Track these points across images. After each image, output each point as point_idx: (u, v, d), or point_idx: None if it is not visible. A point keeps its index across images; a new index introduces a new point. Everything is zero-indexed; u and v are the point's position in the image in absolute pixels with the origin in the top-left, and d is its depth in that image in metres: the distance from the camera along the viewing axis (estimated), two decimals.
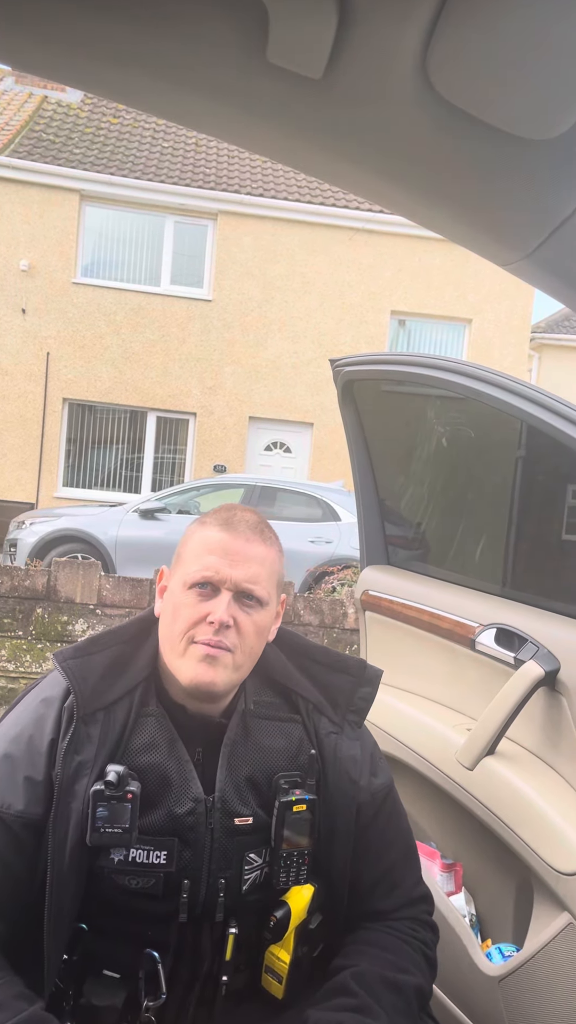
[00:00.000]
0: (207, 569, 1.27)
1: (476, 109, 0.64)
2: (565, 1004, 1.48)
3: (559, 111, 0.64)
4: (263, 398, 13.84)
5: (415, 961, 1.31)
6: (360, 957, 1.29)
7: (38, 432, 13.32)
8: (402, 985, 1.26)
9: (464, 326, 14.51)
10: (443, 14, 0.56)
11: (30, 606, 6.94)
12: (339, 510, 9.49)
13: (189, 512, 9.72)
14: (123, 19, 0.59)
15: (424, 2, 0.55)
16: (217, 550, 1.28)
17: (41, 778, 1.23)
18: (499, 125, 0.65)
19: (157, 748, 1.28)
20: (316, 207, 13.79)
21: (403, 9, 0.56)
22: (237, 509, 1.35)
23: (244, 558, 1.28)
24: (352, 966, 1.27)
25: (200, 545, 1.30)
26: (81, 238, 13.54)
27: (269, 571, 1.31)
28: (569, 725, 1.63)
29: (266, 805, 1.31)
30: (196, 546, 1.30)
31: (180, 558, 1.33)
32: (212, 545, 1.28)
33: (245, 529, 1.30)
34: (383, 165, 0.72)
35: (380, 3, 0.56)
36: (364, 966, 1.27)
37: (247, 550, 1.28)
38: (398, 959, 1.30)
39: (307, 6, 0.56)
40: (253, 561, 1.28)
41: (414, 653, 2.14)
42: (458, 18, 0.56)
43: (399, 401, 2.29)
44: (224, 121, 0.72)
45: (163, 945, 1.28)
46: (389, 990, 1.24)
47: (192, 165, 14.14)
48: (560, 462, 1.82)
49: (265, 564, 1.30)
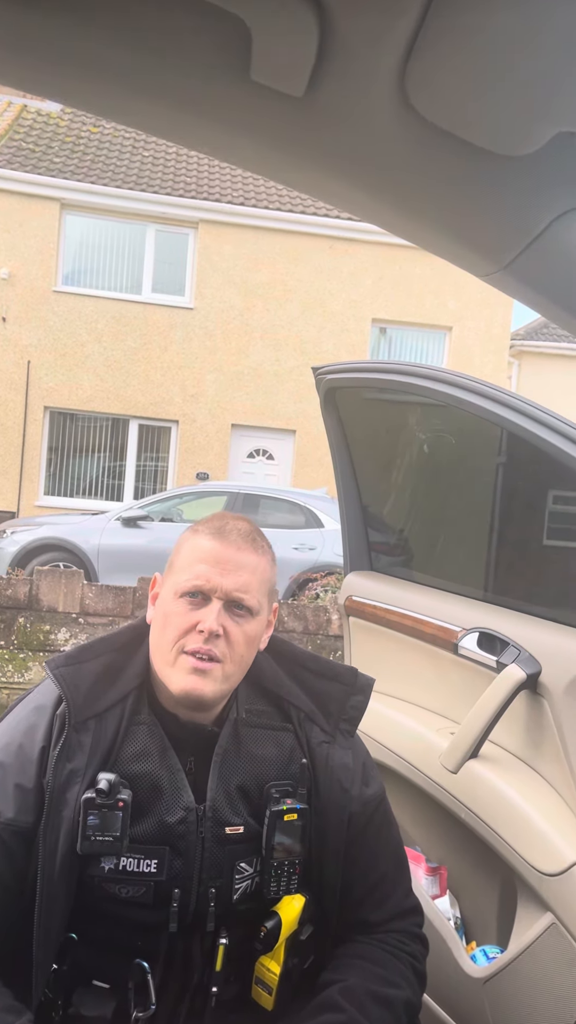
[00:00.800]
0: (197, 578, 1.26)
1: (454, 126, 0.66)
2: (549, 1004, 1.49)
3: (534, 128, 0.66)
4: (245, 405, 13.85)
5: (404, 975, 1.31)
6: (349, 971, 1.29)
7: (19, 441, 13.25)
8: (391, 1000, 1.25)
9: (444, 334, 14.62)
10: (421, 34, 0.58)
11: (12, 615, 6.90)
12: (322, 517, 9.51)
13: (172, 520, 9.71)
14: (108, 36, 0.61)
15: (402, 22, 0.57)
16: (208, 559, 1.27)
17: (32, 786, 1.23)
18: (476, 142, 0.67)
19: (149, 756, 1.28)
20: (297, 216, 13.85)
21: (382, 30, 0.58)
22: (229, 517, 1.34)
23: (235, 567, 1.27)
24: (341, 980, 1.27)
25: (191, 554, 1.29)
26: (62, 246, 13.52)
27: (260, 580, 1.30)
28: (551, 727, 1.65)
29: (257, 814, 1.31)
30: (187, 554, 1.30)
31: (172, 566, 1.32)
32: (203, 554, 1.28)
33: (237, 537, 1.29)
34: (364, 180, 0.73)
35: (359, 24, 0.58)
36: (353, 981, 1.26)
37: (238, 559, 1.27)
38: (387, 973, 1.29)
39: (288, 26, 0.57)
40: (244, 570, 1.27)
41: (397, 658, 2.16)
42: (435, 38, 0.58)
43: (381, 409, 2.32)
44: (208, 136, 0.73)
45: (153, 955, 1.28)
46: (378, 1005, 1.24)
47: (173, 174, 14.17)
48: (540, 468, 1.84)
49: (256, 573, 1.29)
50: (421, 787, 1.89)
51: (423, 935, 1.41)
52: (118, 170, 13.83)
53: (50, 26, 0.61)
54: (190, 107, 0.68)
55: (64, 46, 0.63)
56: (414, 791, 1.94)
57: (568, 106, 0.64)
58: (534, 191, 0.72)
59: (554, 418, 1.62)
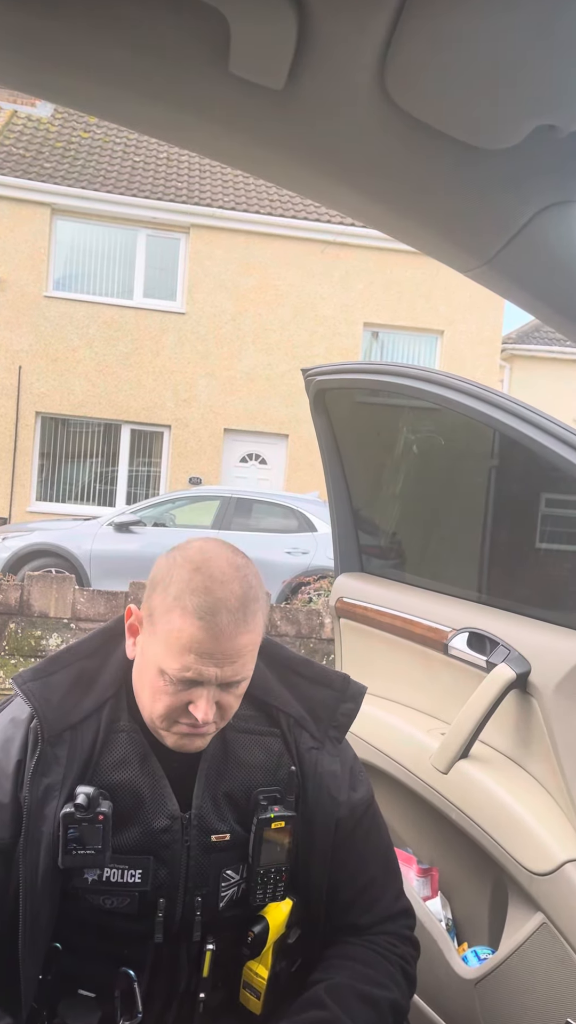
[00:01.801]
0: (187, 670, 1.16)
1: (433, 120, 0.65)
2: (540, 1004, 1.49)
3: (515, 121, 0.66)
4: (238, 410, 13.85)
5: (392, 976, 1.30)
6: (336, 971, 1.28)
7: (10, 446, 13.22)
8: (377, 1000, 1.24)
9: (436, 338, 14.65)
10: (399, 26, 0.58)
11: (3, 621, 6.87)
12: (315, 521, 9.52)
13: (164, 525, 9.69)
14: (83, 28, 0.60)
15: (381, 14, 0.57)
16: (198, 649, 1.15)
17: (7, 801, 1.21)
18: (456, 135, 0.67)
19: (129, 765, 1.25)
20: (288, 220, 13.87)
21: (360, 21, 0.58)
22: (217, 585, 1.16)
23: (228, 656, 1.16)
24: (328, 979, 1.26)
25: (179, 638, 1.15)
26: (53, 252, 13.51)
27: (254, 645, 1.21)
28: (540, 727, 1.65)
29: (244, 821, 1.29)
30: (174, 635, 1.16)
31: (154, 626, 1.19)
32: (191, 643, 1.15)
33: (228, 621, 1.15)
34: (344, 174, 0.73)
35: (338, 16, 0.58)
36: (339, 979, 1.25)
37: (231, 647, 1.16)
38: (375, 973, 1.28)
39: (266, 18, 0.57)
40: (238, 655, 1.17)
41: (388, 659, 2.16)
42: (413, 31, 0.57)
43: (371, 410, 2.31)
44: (188, 130, 0.73)
45: (139, 963, 1.26)
46: (363, 1004, 1.23)
47: (164, 179, 14.17)
48: (532, 471, 1.84)
49: (250, 645, 1.19)
50: (411, 788, 1.89)
51: (414, 937, 1.40)
52: (109, 175, 13.83)
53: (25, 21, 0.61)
54: (170, 101, 0.67)
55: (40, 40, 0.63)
56: (404, 792, 1.93)
57: (547, 99, 0.64)
58: (515, 185, 0.72)
59: (546, 420, 1.61)
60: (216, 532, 9.32)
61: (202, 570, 1.17)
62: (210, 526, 9.58)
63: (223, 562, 1.19)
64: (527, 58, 0.61)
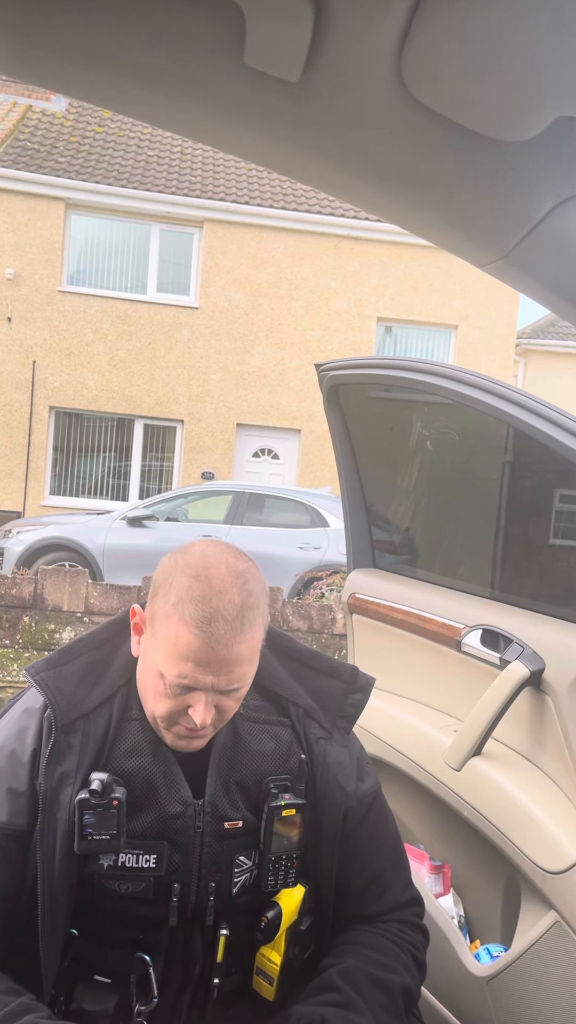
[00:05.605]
0: (184, 677, 1.17)
1: (451, 111, 0.65)
2: (552, 1002, 1.48)
3: (533, 113, 0.65)
4: (250, 405, 13.85)
5: (403, 961, 1.31)
6: (347, 956, 1.30)
7: (24, 441, 13.28)
8: (388, 983, 1.26)
9: (450, 332, 14.58)
10: (416, 18, 0.57)
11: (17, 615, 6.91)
12: (327, 516, 9.51)
13: (177, 519, 9.72)
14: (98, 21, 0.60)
15: (397, 5, 0.56)
16: (195, 657, 1.15)
17: (24, 789, 1.23)
18: (474, 127, 0.66)
19: (141, 752, 1.28)
20: (302, 214, 13.84)
21: (376, 13, 0.57)
22: (215, 592, 1.16)
23: (225, 665, 1.16)
24: (339, 964, 1.28)
25: (175, 645, 1.16)
26: (67, 246, 13.53)
27: (253, 652, 1.21)
28: (554, 724, 1.64)
29: (255, 808, 1.31)
30: (171, 641, 1.16)
31: (155, 630, 1.20)
32: (188, 651, 1.15)
33: (225, 631, 1.15)
34: (359, 167, 0.73)
35: (354, 6, 0.57)
36: (350, 964, 1.27)
37: (228, 656, 1.16)
38: (385, 958, 1.30)
39: (282, 9, 0.57)
40: (235, 664, 1.17)
41: (401, 655, 2.15)
42: (430, 22, 0.57)
43: (385, 405, 2.31)
44: (203, 123, 0.73)
45: (154, 949, 1.28)
46: (375, 987, 1.24)
47: (178, 173, 14.17)
48: (546, 466, 1.83)
49: (248, 652, 1.19)
50: (424, 785, 1.88)
51: (423, 925, 1.41)
52: (123, 170, 13.84)
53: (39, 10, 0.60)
54: (185, 94, 0.67)
55: (56, 34, 0.62)
56: (417, 789, 1.93)
57: (567, 91, 0.63)
58: (533, 178, 0.71)
59: (561, 415, 1.60)
60: (228, 527, 9.34)
61: (201, 578, 1.17)
62: (222, 521, 9.60)
63: (224, 569, 1.19)
64: (546, 49, 0.60)
